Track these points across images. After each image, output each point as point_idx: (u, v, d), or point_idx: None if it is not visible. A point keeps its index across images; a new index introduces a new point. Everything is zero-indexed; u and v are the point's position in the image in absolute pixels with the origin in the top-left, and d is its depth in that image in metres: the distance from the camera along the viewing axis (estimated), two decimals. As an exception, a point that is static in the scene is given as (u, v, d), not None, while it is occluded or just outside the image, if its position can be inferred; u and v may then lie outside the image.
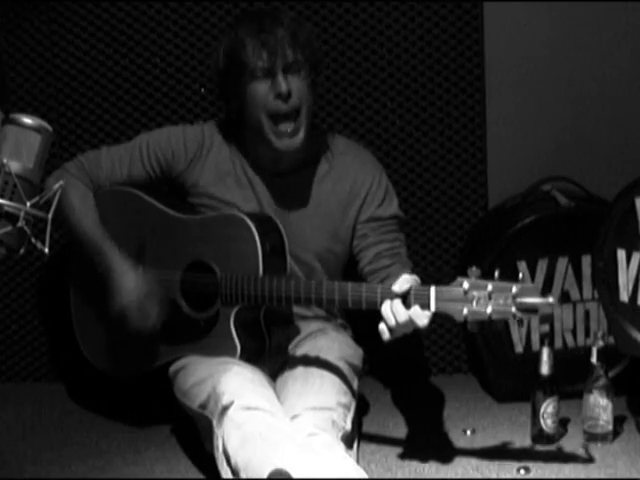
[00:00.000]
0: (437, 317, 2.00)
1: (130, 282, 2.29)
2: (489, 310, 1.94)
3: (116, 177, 2.40)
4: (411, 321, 1.99)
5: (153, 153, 2.39)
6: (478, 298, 1.95)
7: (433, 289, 1.99)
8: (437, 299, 1.98)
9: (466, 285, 1.96)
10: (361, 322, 2.44)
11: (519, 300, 1.93)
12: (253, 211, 2.35)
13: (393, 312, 2.00)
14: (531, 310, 1.93)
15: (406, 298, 2.01)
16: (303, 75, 2.26)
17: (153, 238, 2.36)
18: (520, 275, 1.96)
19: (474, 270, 1.97)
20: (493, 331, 2.59)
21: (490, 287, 1.94)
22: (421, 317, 1.98)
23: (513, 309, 1.93)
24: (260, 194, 2.38)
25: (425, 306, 1.98)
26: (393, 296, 2.01)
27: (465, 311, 1.95)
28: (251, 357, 2.26)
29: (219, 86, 2.36)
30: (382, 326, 2.02)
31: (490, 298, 1.94)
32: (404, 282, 2.02)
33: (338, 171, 2.40)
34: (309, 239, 2.38)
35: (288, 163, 2.37)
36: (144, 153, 2.39)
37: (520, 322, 1.98)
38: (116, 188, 2.41)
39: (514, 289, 1.93)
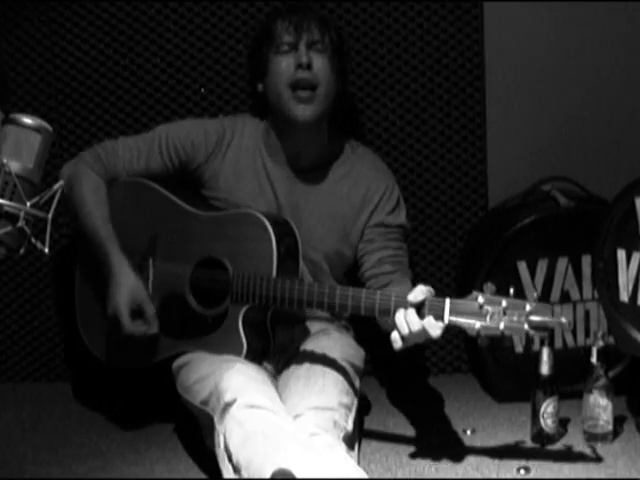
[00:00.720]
0: (449, 328, 2.01)
1: (127, 287, 2.28)
2: (502, 326, 1.95)
3: (133, 168, 2.40)
4: (424, 331, 1.99)
5: (172, 145, 2.40)
6: (492, 313, 1.96)
7: (448, 301, 2.00)
8: (451, 311, 1.99)
9: (481, 300, 1.97)
10: (363, 323, 2.44)
11: (532, 318, 1.94)
12: (270, 212, 2.36)
13: (407, 321, 2.00)
14: (543, 328, 1.95)
15: (420, 308, 2.01)
16: (327, 56, 2.35)
17: (167, 231, 2.36)
18: (534, 294, 1.97)
19: (489, 286, 1.98)
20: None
21: (505, 303, 1.96)
22: (434, 328, 1.99)
23: (526, 326, 1.94)
24: (277, 190, 2.40)
25: (439, 317, 1.99)
26: (407, 305, 2.02)
27: (478, 325, 1.96)
28: (256, 356, 2.26)
29: (250, 67, 2.46)
30: (395, 335, 2.02)
31: (504, 314, 1.95)
32: (419, 292, 2.03)
33: (354, 176, 2.43)
34: (319, 239, 2.40)
35: (308, 159, 2.41)
36: (163, 144, 2.40)
37: (527, 340, 1.98)
38: (132, 179, 2.41)
39: (528, 307, 1.95)
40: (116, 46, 2.73)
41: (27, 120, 1.76)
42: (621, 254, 2.33)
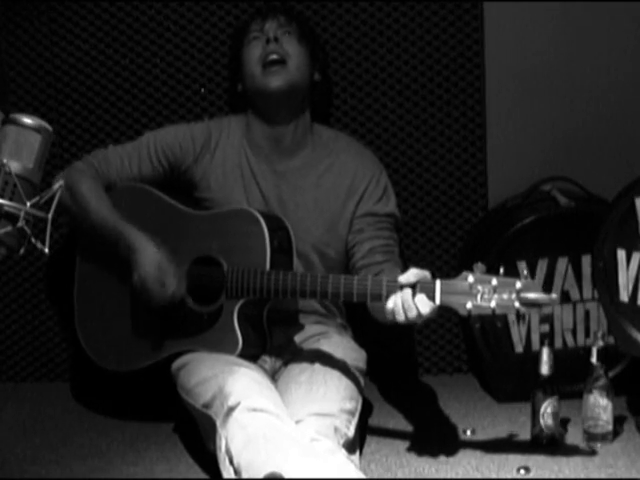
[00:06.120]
0: (441, 311, 2.02)
1: (150, 255, 2.28)
2: (493, 304, 1.96)
3: (125, 174, 2.44)
4: (416, 310, 1.99)
5: (161, 149, 2.44)
6: (482, 292, 1.97)
7: (438, 282, 2.01)
8: (442, 292, 2.00)
9: (471, 279, 1.98)
10: (361, 323, 2.44)
11: (523, 295, 1.95)
12: (262, 209, 2.37)
13: (402, 300, 2.00)
14: (534, 305, 1.96)
15: (412, 290, 2.02)
16: (295, 37, 2.41)
17: (162, 233, 2.36)
18: (524, 272, 1.98)
19: (479, 265, 2.00)
20: (494, 330, 2.60)
21: (495, 282, 1.97)
22: (425, 305, 1.99)
23: (517, 304, 1.96)
24: (262, 185, 2.42)
25: (430, 298, 2.00)
26: (399, 288, 2.02)
27: (469, 305, 1.98)
28: (252, 354, 2.26)
29: (230, 72, 2.54)
30: (390, 304, 2.03)
31: (494, 292, 1.96)
32: (411, 275, 2.03)
33: (339, 167, 2.45)
34: (306, 231, 2.40)
35: (289, 145, 2.43)
36: (152, 150, 2.44)
37: (518, 318, 1.98)
38: (127, 185, 2.44)
39: (518, 284, 1.96)
40: (116, 46, 2.73)
41: (27, 120, 1.76)
42: (621, 254, 2.33)
